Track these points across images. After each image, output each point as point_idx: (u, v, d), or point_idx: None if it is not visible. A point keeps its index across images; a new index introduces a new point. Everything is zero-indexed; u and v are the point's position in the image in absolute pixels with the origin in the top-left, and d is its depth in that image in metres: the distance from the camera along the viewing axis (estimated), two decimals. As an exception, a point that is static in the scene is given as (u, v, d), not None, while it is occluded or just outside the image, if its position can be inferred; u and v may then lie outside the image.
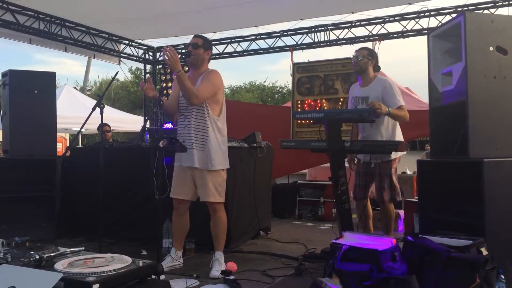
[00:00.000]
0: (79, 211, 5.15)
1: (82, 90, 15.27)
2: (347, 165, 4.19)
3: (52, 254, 2.13)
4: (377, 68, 4.18)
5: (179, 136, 3.63)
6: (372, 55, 4.13)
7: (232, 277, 3.32)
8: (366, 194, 4.14)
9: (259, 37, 8.19)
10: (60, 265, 2.00)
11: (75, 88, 14.89)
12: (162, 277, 3.17)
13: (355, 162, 4.30)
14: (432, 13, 6.76)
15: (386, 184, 3.99)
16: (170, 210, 3.78)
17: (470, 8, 6.39)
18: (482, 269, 2.41)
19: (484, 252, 2.54)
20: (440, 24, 6.05)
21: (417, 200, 3.86)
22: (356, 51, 4.16)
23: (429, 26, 6.74)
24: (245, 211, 4.73)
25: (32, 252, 2.11)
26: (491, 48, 3.00)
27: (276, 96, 28.79)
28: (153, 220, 3.75)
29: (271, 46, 8.20)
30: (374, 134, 4.02)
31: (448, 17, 6.50)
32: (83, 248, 2.34)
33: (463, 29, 3.00)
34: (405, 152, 3.92)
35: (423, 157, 6.03)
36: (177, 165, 3.70)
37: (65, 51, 7.99)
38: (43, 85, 4.97)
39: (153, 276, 2.14)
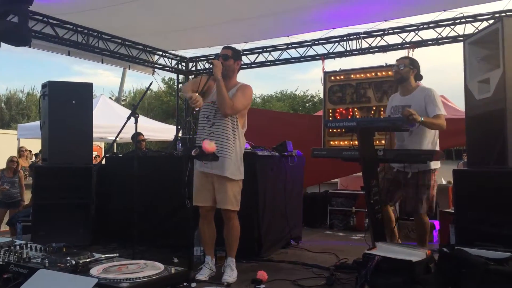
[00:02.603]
0: (113, 218, 5.25)
1: (117, 100, 15.67)
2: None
3: (87, 260, 2.18)
4: (418, 78, 4.06)
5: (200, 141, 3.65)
6: (413, 65, 4.03)
7: (262, 286, 3.32)
8: (388, 201, 4.00)
9: (290, 46, 8.20)
10: (95, 270, 2.04)
11: (110, 98, 15.28)
12: (193, 284, 3.20)
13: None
14: (468, 19, 6.61)
15: (423, 195, 3.83)
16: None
17: (508, 14, 6.22)
18: (522, 283, 2.32)
19: (524, 265, 2.44)
20: (477, 30, 5.91)
21: (453, 211, 3.76)
22: (398, 60, 4.11)
23: (465, 33, 6.59)
24: (276, 220, 4.72)
25: (68, 258, 2.16)
26: (530, 54, 2.91)
27: (307, 105, 28.67)
28: (184, 228, 3.79)
29: (303, 55, 8.20)
30: (413, 143, 3.87)
31: (484, 23, 6.34)
32: (117, 255, 2.38)
33: (501, 35, 2.93)
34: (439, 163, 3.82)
35: (459, 167, 5.87)
36: (198, 170, 3.71)
37: (102, 63, 8.25)
38: (81, 95, 5.13)
39: (185, 284, 2.16)
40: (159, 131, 11.91)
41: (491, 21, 6.11)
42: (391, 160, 3.72)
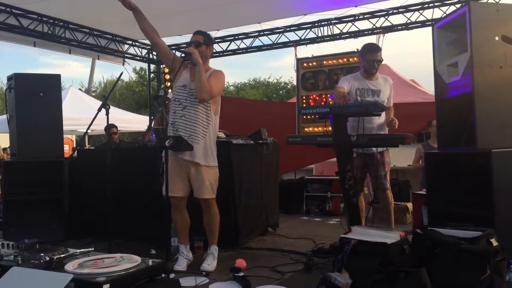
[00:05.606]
0: (87, 212, 5.18)
1: (87, 91, 15.34)
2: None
3: (62, 256, 2.14)
4: None
5: (173, 125, 3.60)
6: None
7: (241, 274, 3.33)
8: (363, 188, 4.26)
9: (262, 33, 8.17)
10: (70, 266, 2.01)
11: (80, 89, 14.95)
12: (172, 275, 3.19)
13: None
14: (436, 4, 6.70)
15: (386, 172, 4.13)
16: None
17: (474, -2, 6.32)
18: (492, 260, 2.40)
19: (494, 243, 2.52)
20: (445, 15, 6.01)
21: (425, 193, 3.84)
22: (375, 54, 4.12)
23: (434, 17, 6.69)
24: (253, 208, 4.74)
25: (42, 254, 2.12)
26: (497, 38, 2.98)
27: (281, 92, 28.71)
28: (161, 219, 3.76)
29: (275, 42, 8.18)
30: (380, 125, 4.15)
31: (452, 8, 6.44)
32: (93, 249, 2.35)
33: (468, 19, 2.98)
34: None
35: (419, 149, 6.04)
36: (171, 156, 3.59)
37: (69, 53, 8.02)
38: (49, 87, 4.99)
39: (163, 275, 2.15)
40: (132, 122, 11.74)
41: (458, 5, 6.21)
42: (364, 145, 3.78)
